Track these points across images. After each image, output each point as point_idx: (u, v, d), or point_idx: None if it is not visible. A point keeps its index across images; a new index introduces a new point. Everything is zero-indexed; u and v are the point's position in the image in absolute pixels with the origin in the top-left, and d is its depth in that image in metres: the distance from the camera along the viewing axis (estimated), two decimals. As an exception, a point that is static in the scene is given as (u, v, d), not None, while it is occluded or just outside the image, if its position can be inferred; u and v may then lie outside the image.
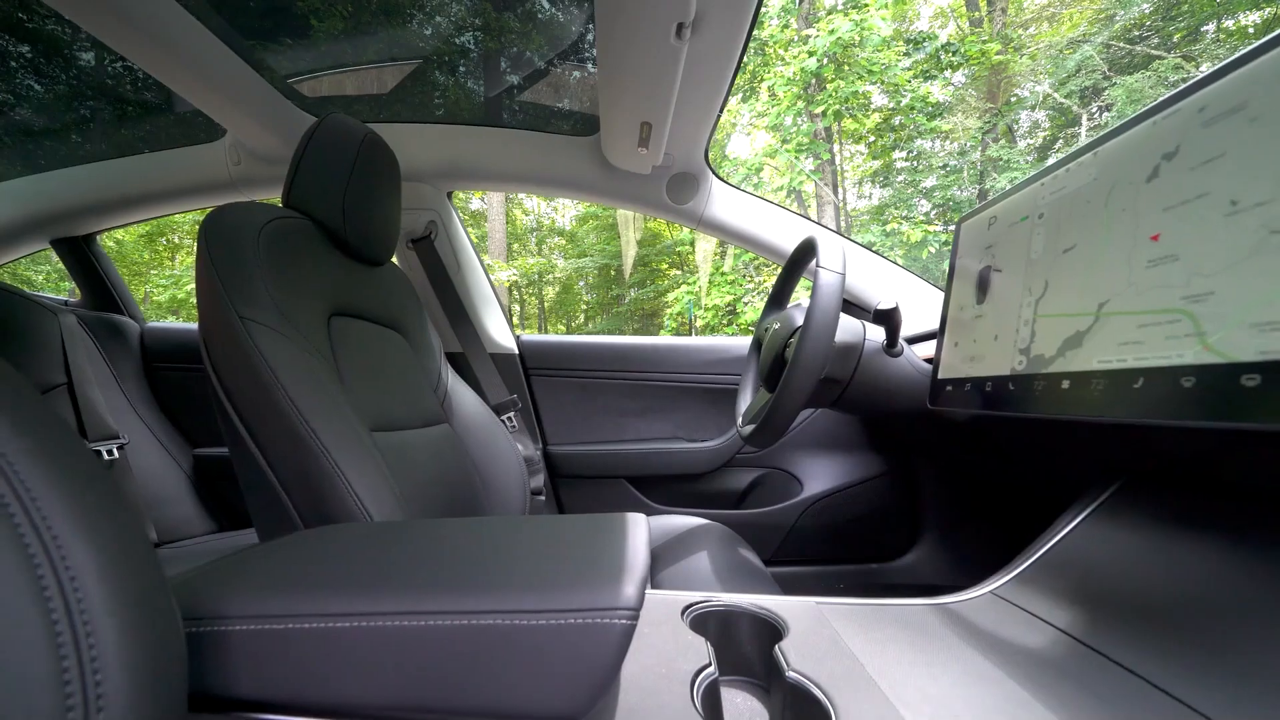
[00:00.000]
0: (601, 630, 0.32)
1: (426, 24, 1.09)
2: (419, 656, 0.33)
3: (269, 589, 0.36)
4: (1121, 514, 0.57)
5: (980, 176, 7.72)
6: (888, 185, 8.99)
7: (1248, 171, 0.35)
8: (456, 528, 0.47)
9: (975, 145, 8.02)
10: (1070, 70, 7.06)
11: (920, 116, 7.48)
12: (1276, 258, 0.32)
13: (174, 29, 0.90)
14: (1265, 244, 0.33)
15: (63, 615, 0.26)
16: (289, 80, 1.13)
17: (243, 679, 0.34)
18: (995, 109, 7.89)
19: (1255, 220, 0.34)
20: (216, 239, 0.70)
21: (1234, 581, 0.44)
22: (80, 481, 0.30)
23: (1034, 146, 8.47)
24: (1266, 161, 0.34)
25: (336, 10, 1.01)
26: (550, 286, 12.93)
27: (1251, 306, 0.33)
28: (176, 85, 1.01)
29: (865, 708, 0.39)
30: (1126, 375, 0.41)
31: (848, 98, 6.96)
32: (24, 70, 1.16)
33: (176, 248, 8.31)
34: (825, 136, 7.83)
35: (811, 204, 9.04)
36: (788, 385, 0.76)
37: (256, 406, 0.65)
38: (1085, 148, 0.51)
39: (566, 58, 1.15)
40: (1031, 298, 0.53)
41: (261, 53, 1.04)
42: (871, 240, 6.59)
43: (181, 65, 0.96)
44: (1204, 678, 0.38)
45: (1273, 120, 0.34)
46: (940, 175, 8.29)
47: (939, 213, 8.38)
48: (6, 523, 0.27)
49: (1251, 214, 0.34)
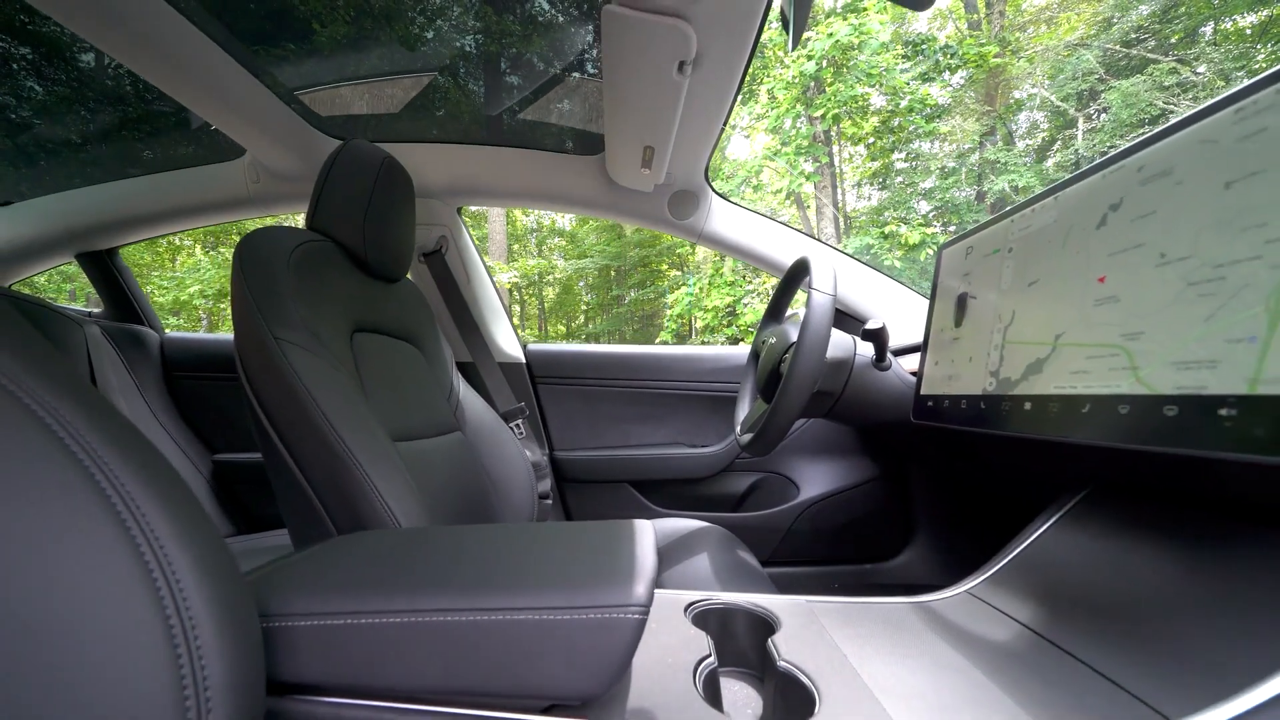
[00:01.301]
0: (617, 624, 0.38)
1: (437, 43, 1.13)
2: (461, 647, 0.38)
3: (328, 590, 0.41)
4: (1085, 521, 0.63)
5: (978, 179, 7.77)
6: (886, 188, 9.04)
7: (1173, 229, 0.41)
8: (485, 534, 0.52)
9: (974, 148, 8.08)
10: (1067, 74, 7.11)
11: (918, 119, 7.53)
12: (1191, 307, 0.38)
13: (196, 54, 0.95)
14: (1183, 294, 0.39)
15: (174, 613, 0.32)
16: (299, 92, 1.16)
17: (308, 667, 0.40)
18: (993, 111, 7.94)
19: (1176, 273, 0.40)
20: (251, 263, 0.75)
21: (1180, 581, 0.49)
22: (169, 489, 0.35)
23: (1032, 147, 8.52)
24: (1186, 222, 0.40)
25: (339, 15, 1.02)
26: (550, 287, 12.97)
27: (1172, 347, 0.39)
28: (198, 108, 1.07)
29: (846, 694, 0.45)
30: (1077, 400, 0.47)
31: (846, 101, 7.02)
32: (56, 93, 1.21)
33: (177, 249, 8.36)
34: (824, 140, 7.88)
35: (811, 205, 9.08)
36: (783, 399, 0.81)
37: (291, 420, 0.71)
38: (1048, 191, 0.56)
39: (573, 81, 1.20)
40: (1001, 325, 0.59)
41: (274, 69, 1.08)
42: (869, 242, 6.64)
43: (203, 90, 1.02)
44: (1145, 667, 0.44)
45: (1192, 186, 0.40)
46: (939, 177, 8.35)
47: (937, 214, 8.44)
48: (123, 532, 0.32)
49: (1174, 266, 0.40)
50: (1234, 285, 0.35)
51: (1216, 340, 0.36)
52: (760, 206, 9.84)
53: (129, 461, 0.34)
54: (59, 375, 0.35)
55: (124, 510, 0.33)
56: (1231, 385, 0.34)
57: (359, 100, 1.27)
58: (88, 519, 0.32)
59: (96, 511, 0.32)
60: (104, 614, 0.30)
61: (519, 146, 1.31)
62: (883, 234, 6.60)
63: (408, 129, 1.31)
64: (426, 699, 0.40)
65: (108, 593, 0.31)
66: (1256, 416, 0.33)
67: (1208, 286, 0.37)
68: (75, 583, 0.30)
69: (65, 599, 0.30)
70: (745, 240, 1.36)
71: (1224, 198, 0.37)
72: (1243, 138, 0.37)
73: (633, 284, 10.54)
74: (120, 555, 0.32)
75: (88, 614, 0.30)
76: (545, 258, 12.41)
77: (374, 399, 0.84)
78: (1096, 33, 7.33)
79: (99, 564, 0.31)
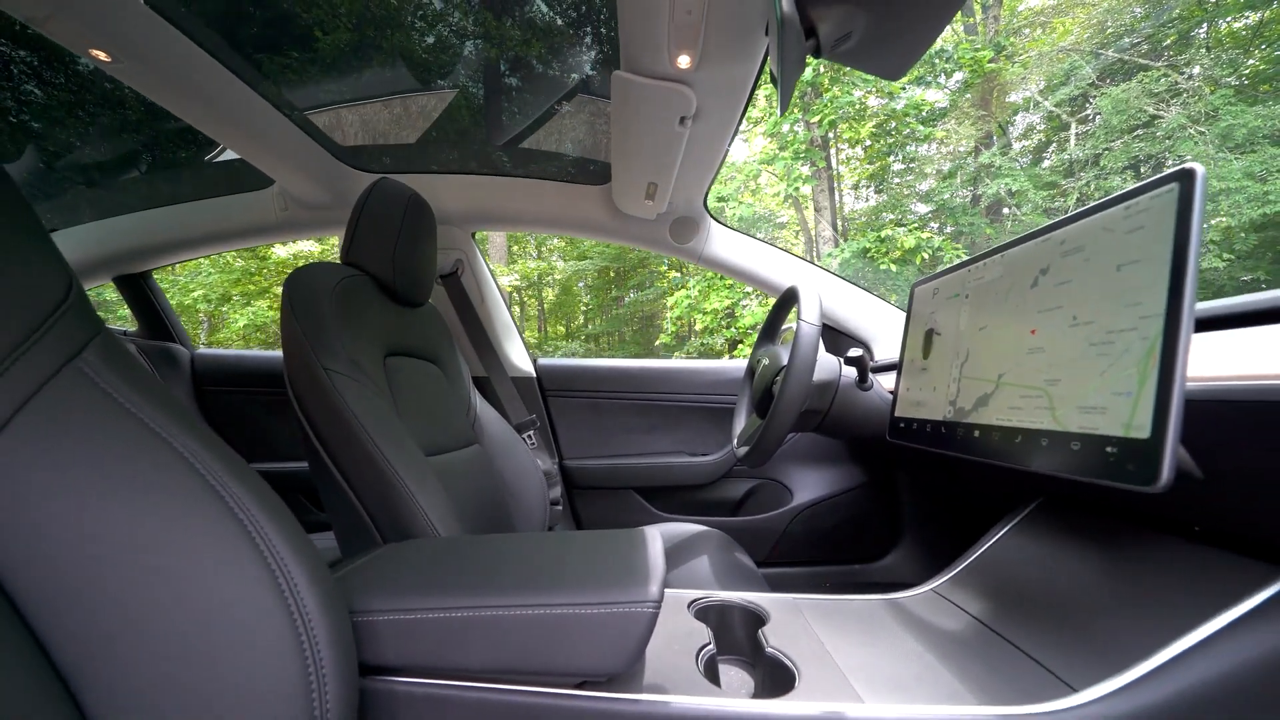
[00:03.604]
0: (635, 616, 0.47)
1: (457, 70, 1.20)
2: (510, 635, 0.48)
3: (402, 591, 0.51)
4: (1032, 529, 0.73)
5: (974, 182, 7.87)
6: (882, 191, 9.14)
7: (1082, 297, 0.50)
8: (522, 542, 0.62)
9: (969, 152, 8.17)
10: (1059, 80, 7.21)
11: (914, 122, 7.63)
12: (1092, 363, 0.48)
13: (226, 93, 1.02)
14: (1086, 352, 0.48)
15: (296, 612, 0.41)
16: (309, 112, 1.21)
17: (388, 653, 0.49)
18: (988, 115, 8.04)
19: (1083, 334, 0.49)
20: (300, 299, 0.85)
21: (1099, 580, 0.59)
22: (275, 506, 0.45)
23: (1029, 149, 8.61)
24: (1091, 292, 0.49)
25: (341, 23, 1.05)
26: (549, 288, 13.04)
27: (1078, 394, 0.49)
28: (230, 144, 1.16)
29: (821, 674, 0.54)
30: (1012, 431, 0.56)
31: (843, 105, 7.11)
32: (101, 125, 1.30)
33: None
34: (822, 145, 7.98)
35: (809, 206, 9.17)
36: (774, 417, 0.91)
37: (339, 440, 0.80)
38: (997, 249, 0.66)
39: (581, 116, 1.29)
40: (958, 361, 0.69)
41: (288, 91, 1.13)
42: (866, 246, 6.74)
43: (234, 126, 1.10)
44: (1064, 649, 0.54)
45: (1097, 264, 0.50)
46: (935, 179, 8.45)
47: (934, 215, 8.54)
48: (253, 545, 0.42)
49: (1082, 328, 0.50)
50: (1119, 349, 0.45)
51: (1106, 392, 0.46)
52: (759, 208, 9.93)
53: (244, 484, 0.44)
54: (176, 409, 0.44)
55: (251, 528, 0.43)
56: (1114, 429, 0.44)
57: (383, 133, 1.36)
58: (229, 536, 0.41)
59: (233, 529, 0.42)
60: (247, 614, 0.40)
61: (530, 177, 1.41)
62: (879, 238, 6.70)
63: (427, 160, 1.40)
64: (483, 677, 0.50)
65: (250, 595, 0.40)
66: (1129, 454, 0.42)
67: (1103, 348, 0.47)
68: (224, 586, 0.40)
69: (221, 599, 0.39)
70: (742, 262, 1.46)
71: (1115, 277, 0.47)
72: (1129, 230, 0.47)
73: (632, 285, 10.62)
74: (254, 564, 0.41)
75: (237, 612, 0.40)
76: (544, 259, 12.48)
77: (405, 417, 0.93)
78: (1091, 34, 7.42)
79: (240, 574, 0.41)
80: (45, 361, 0.41)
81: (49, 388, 0.40)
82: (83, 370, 0.42)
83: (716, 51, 0.78)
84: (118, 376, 0.44)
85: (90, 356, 0.43)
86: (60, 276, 0.45)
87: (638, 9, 0.72)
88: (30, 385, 0.39)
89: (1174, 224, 0.42)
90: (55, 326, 0.42)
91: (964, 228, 7.83)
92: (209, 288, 7.82)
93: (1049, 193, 7.24)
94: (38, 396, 0.39)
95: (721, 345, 8.22)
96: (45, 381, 0.40)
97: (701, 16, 0.70)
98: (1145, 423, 0.42)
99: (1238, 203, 5.31)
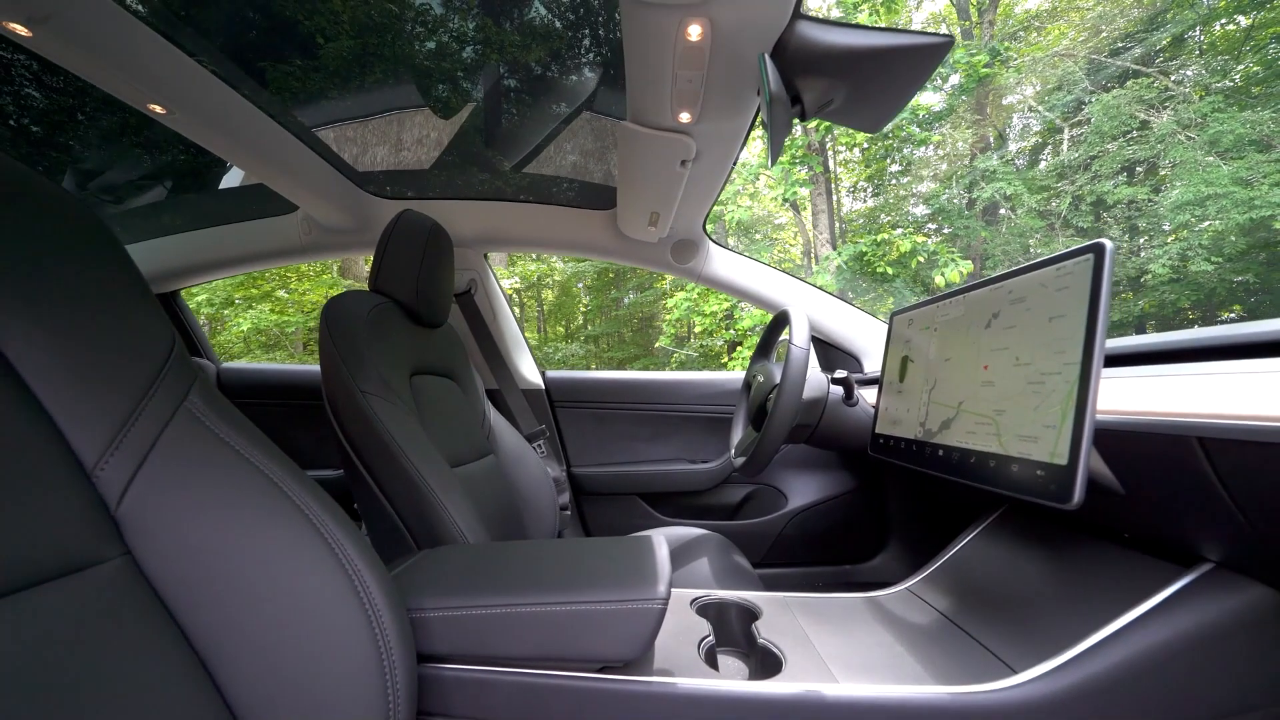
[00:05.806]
0: (646, 612, 0.57)
1: (473, 90, 1.26)
2: (543, 627, 0.57)
3: (450, 591, 0.60)
4: (996, 534, 0.82)
5: (970, 185, 7.96)
6: (879, 194, 9.23)
7: (1024, 341, 0.60)
8: (547, 548, 0.71)
9: (965, 154, 8.27)
10: (1053, 84, 7.31)
11: (910, 126, 7.73)
12: (1029, 399, 0.57)
13: (250, 125, 1.09)
14: (1025, 389, 0.58)
15: (369, 609, 0.51)
16: (318, 129, 1.26)
17: (438, 643, 0.59)
18: (983, 120, 8.14)
19: (1023, 373, 0.59)
20: (337, 325, 0.94)
21: (1047, 577, 0.69)
22: (341, 516, 0.54)
23: (1025, 149, 8.71)
24: (1030, 338, 0.59)
25: (343, 30, 1.06)
26: (549, 290, 13.12)
27: (1019, 424, 0.58)
28: (255, 173, 1.24)
29: (804, 661, 0.64)
30: (968, 453, 0.66)
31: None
32: (132, 156, 1.39)
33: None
34: (819, 149, 8.07)
35: (807, 209, 9.26)
36: (767, 432, 1.00)
37: (375, 454, 0.89)
38: (961, 290, 0.75)
39: (588, 146, 1.38)
40: (928, 387, 0.78)
41: (296, 109, 1.18)
42: (862, 250, 6.84)
43: (259, 155, 1.17)
44: (1012, 638, 0.63)
45: (1035, 314, 0.59)
46: (932, 182, 8.55)
47: (930, 217, 8.64)
48: (331, 552, 0.51)
49: (1023, 368, 0.59)
50: (1048, 389, 0.54)
51: (1038, 424, 0.55)
52: (757, 211, 10.02)
53: (315, 496, 0.53)
54: (256, 436, 0.53)
55: (328, 537, 0.52)
56: (1042, 455, 0.53)
57: (400, 162, 1.45)
58: (314, 548, 0.51)
59: (315, 539, 0.51)
60: (333, 611, 0.49)
61: (539, 202, 1.50)
62: (875, 241, 6.80)
63: (444, 187, 1.49)
64: (519, 663, 0.59)
65: (335, 597, 0.50)
66: (1052, 476, 0.52)
67: (1037, 386, 0.56)
68: (314, 590, 0.49)
69: (314, 601, 0.49)
70: (738, 280, 1.55)
71: (1048, 327, 0.56)
72: (1058, 289, 0.56)
73: (631, 286, 10.71)
74: (334, 569, 0.51)
75: (324, 610, 0.49)
76: (544, 260, 12.55)
77: (430, 431, 1.02)
78: (1086, 37, 7.50)
79: (325, 580, 0.50)
80: (165, 406, 0.50)
81: (170, 428, 0.49)
82: (191, 411, 0.51)
83: (714, 110, 0.87)
84: (215, 413, 0.53)
85: (195, 398, 0.52)
86: (165, 330, 0.55)
87: (645, 74, 0.81)
88: (157, 427, 0.49)
89: (1089, 288, 0.51)
90: (167, 376, 0.52)
91: (960, 231, 7.93)
92: (211, 291, 7.89)
93: (1043, 195, 7.34)
94: (163, 436, 0.48)
95: (721, 346, 8.32)
96: (167, 423, 0.49)
97: (701, 83, 0.79)
98: (1064, 451, 0.51)
99: (1225, 207, 5.42)
